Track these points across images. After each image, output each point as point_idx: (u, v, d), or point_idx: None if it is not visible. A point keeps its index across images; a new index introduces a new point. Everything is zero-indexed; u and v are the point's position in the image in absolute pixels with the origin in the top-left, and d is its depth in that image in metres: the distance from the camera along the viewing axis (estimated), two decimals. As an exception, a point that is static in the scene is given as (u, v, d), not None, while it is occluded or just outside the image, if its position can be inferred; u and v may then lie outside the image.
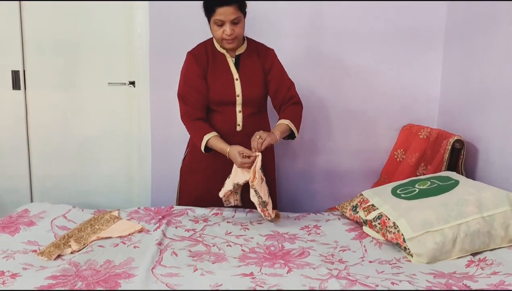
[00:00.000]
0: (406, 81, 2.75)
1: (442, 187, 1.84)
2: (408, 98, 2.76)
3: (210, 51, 2.08)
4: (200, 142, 2.01)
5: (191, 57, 2.07)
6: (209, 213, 2.07)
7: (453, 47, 2.59)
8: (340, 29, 2.68)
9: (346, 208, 2.03)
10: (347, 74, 2.73)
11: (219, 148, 1.98)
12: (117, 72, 2.78)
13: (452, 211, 1.68)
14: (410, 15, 2.67)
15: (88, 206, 2.64)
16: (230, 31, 1.95)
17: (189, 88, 2.05)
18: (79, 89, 2.80)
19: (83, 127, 2.84)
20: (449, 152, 2.24)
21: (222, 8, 1.91)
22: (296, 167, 2.81)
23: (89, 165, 2.88)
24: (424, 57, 2.72)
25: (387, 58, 2.72)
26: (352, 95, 2.76)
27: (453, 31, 2.59)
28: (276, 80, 2.13)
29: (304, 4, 2.64)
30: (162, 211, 2.07)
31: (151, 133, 2.75)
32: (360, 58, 2.72)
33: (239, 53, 2.10)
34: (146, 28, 2.64)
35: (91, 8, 2.72)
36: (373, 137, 2.80)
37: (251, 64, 2.10)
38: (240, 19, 1.97)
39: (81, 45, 2.75)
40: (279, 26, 2.66)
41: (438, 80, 2.73)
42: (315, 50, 2.71)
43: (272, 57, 2.15)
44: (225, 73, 2.07)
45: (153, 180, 2.80)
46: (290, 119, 2.09)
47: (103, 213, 2.00)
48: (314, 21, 2.67)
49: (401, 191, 1.92)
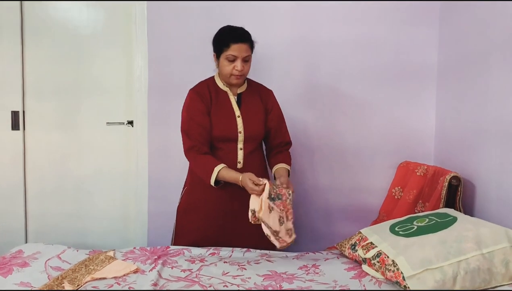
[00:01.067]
0: (402, 119, 2.78)
1: (441, 224, 1.83)
2: (404, 136, 2.79)
3: (213, 89, 2.13)
4: (210, 174, 1.99)
5: (195, 94, 2.10)
6: (206, 252, 2.03)
7: (446, 85, 2.64)
8: (336, 68, 2.75)
9: (345, 247, 2.00)
10: (343, 113, 2.77)
11: (231, 176, 1.98)
12: (116, 112, 2.82)
13: (451, 248, 1.66)
14: (403, 54, 2.75)
15: (84, 246, 2.62)
16: (241, 67, 2.01)
17: (194, 124, 2.06)
18: (78, 129, 2.83)
19: (80, 166, 2.84)
20: (446, 188, 2.24)
21: (237, 45, 1.98)
22: (294, 206, 2.78)
23: (86, 204, 2.87)
24: (418, 95, 2.77)
25: (382, 97, 2.77)
26: (349, 133, 2.79)
27: (446, 69, 2.65)
28: (276, 123, 2.20)
29: (300, 42, 2.72)
30: (158, 251, 2.03)
31: (148, 172, 2.76)
32: (355, 97, 2.77)
33: (240, 91, 2.15)
34: (145, 70, 2.70)
35: (92, 50, 2.79)
36: (370, 175, 2.81)
37: (252, 103, 2.14)
38: (250, 58, 2.05)
39: (81, 86, 2.81)
40: (275, 64, 2.72)
41: (433, 118, 2.77)
42: (311, 89, 2.76)
43: (273, 99, 2.22)
44: (228, 110, 2.10)
45: (150, 220, 2.78)
46: (289, 165, 2.18)
47: (98, 253, 1.97)
48: (310, 60, 2.74)
49: (399, 228, 1.90)
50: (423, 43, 2.73)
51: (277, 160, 2.18)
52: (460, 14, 2.49)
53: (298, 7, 2.71)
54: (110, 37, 2.78)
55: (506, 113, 2.04)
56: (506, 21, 2.05)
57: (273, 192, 1.90)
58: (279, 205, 1.91)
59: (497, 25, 2.12)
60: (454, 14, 2.55)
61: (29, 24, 2.75)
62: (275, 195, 1.91)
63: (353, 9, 2.72)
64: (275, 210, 1.89)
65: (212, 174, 1.98)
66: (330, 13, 2.71)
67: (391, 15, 2.72)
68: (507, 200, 2.02)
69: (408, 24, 2.72)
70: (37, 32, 2.76)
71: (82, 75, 2.80)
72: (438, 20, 2.71)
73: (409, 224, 1.91)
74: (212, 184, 2.00)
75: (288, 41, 2.72)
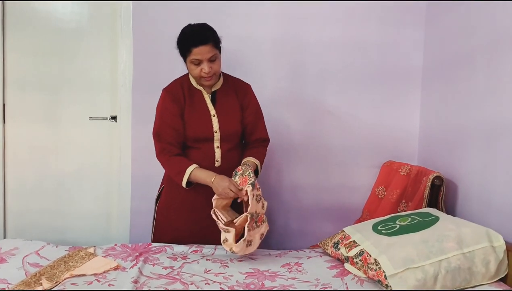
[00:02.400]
0: (386, 119, 2.80)
1: (423, 223, 1.84)
2: (388, 136, 2.80)
3: (187, 88, 2.08)
4: (181, 176, 1.97)
5: (167, 95, 2.05)
6: (188, 250, 2.01)
7: (431, 86, 2.65)
8: (322, 68, 2.75)
9: (327, 245, 2.00)
10: (328, 113, 2.77)
11: (204, 176, 1.95)
12: (99, 107, 2.78)
13: (432, 247, 1.67)
14: (389, 55, 2.76)
15: (65, 243, 2.57)
16: (209, 69, 1.95)
17: (165, 126, 2.03)
18: (60, 123, 2.78)
19: (62, 162, 2.79)
20: (429, 188, 2.25)
21: (198, 48, 1.91)
22: (277, 204, 2.79)
23: (67, 201, 2.82)
24: (403, 96, 2.78)
25: (367, 97, 2.78)
26: (333, 133, 2.79)
27: (431, 71, 2.66)
28: (253, 119, 2.14)
29: (286, 42, 2.71)
30: (139, 248, 2.01)
31: (131, 169, 2.72)
32: (341, 97, 2.77)
33: (215, 89, 2.10)
34: (130, 65, 2.67)
35: (75, 44, 2.74)
36: (354, 174, 2.81)
37: (228, 100, 2.10)
38: (216, 56, 1.97)
39: (64, 80, 2.76)
40: (260, 63, 2.71)
41: (417, 118, 2.79)
42: (297, 88, 2.75)
43: (250, 94, 2.16)
44: (202, 109, 2.06)
45: (132, 217, 2.75)
46: (260, 161, 2.12)
47: (78, 250, 1.94)
48: (296, 60, 2.74)
49: (382, 227, 1.91)
50: (409, 44, 2.75)
51: (247, 153, 2.12)
52: (446, 15, 2.50)
53: (284, 7, 2.70)
54: (94, 31, 2.74)
55: (489, 115, 2.06)
56: (491, 23, 2.07)
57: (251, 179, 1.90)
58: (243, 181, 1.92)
59: (482, 27, 2.14)
60: (440, 15, 2.57)
61: (11, 16, 2.69)
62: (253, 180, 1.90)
63: (339, 9, 2.72)
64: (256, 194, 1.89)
65: (184, 175, 1.96)
66: (316, 13, 2.71)
67: (376, 16, 2.73)
68: (488, 200, 2.04)
69: (394, 25, 2.74)
70: (19, 24, 2.70)
71: (65, 69, 2.75)
72: (424, 22, 2.73)
73: (391, 223, 1.92)
74: (184, 185, 1.97)
75: (274, 40, 2.71)
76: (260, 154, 2.15)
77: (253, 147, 2.16)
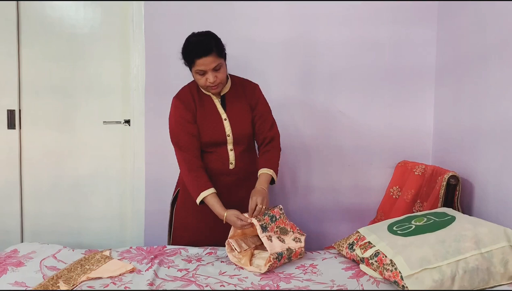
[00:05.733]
0: (400, 119, 2.77)
1: (439, 223, 1.82)
2: (402, 135, 2.78)
3: (196, 94, 2.08)
4: (195, 196, 1.98)
5: (179, 102, 2.06)
6: (203, 252, 2.02)
7: (445, 85, 2.63)
8: (334, 68, 2.73)
9: (342, 246, 1.99)
10: (340, 114, 2.76)
11: (215, 209, 1.95)
12: (113, 111, 2.80)
13: (449, 247, 1.65)
14: (401, 54, 2.73)
15: (81, 246, 2.60)
16: (213, 78, 1.94)
17: (183, 133, 2.03)
18: (74, 128, 2.81)
19: (76, 166, 2.82)
20: (445, 188, 2.23)
21: (201, 60, 1.90)
22: (291, 206, 2.78)
23: (82, 204, 2.85)
24: (416, 95, 2.76)
25: (380, 97, 2.76)
26: (346, 134, 2.78)
27: (444, 69, 2.64)
28: (260, 117, 2.13)
29: (295, 44, 2.71)
30: (154, 250, 2.02)
31: (145, 172, 2.74)
32: (352, 97, 2.76)
33: (224, 93, 2.10)
34: (142, 69, 2.69)
35: (88, 49, 2.77)
36: (368, 174, 2.80)
37: (237, 103, 2.10)
38: (221, 65, 1.95)
39: (77, 85, 2.79)
40: (271, 64, 2.71)
41: (431, 117, 2.76)
42: (308, 88, 2.74)
43: (258, 93, 2.15)
44: (213, 114, 2.06)
45: (147, 219, 2.77)
46: (272, 168, 2.08)
47: (94, 253, 1.95)
48: (307, 60, 2.73)
49: (397, 227, 1.89)
50: (421, 43, 2.72)
51: (261, 162, 2.10)
52: (458, 13, 2.48)
53: (295, 7, 2.69)
54: (107, 35, 2.76)
55: (504, 112, 2.03)
56: (505, 21, 2.04)
57: (264, 220, 1.91)
58: (279, 224, 1.94)
59: (495, 24, 2.12)
60: (453, 13, 2.54)
61: (26, 22, 2.73)
62: (268, 221, 1.91)
63: (351, 9, 2.70)
64: (273, 236, 1.89)
65: (198, 197, 1.97)
66: (325, 13, 2.69)
67: (389, 15, 2.71)
68: (506, 199, 2.01)
69: (406, 24, 2.71)
70: (33, 30, 2.74)
71: (78, 74, 2.78)
72: (437, 20, 2.70)
73: (407, 223, 1.90)
74: (197, 204, 1.99)
75: (285, 40, 2.70)
76: (273, 161, 2.11)
77: (265, 151, 2.13)
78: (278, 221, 1.95)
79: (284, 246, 1.88)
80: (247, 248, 1.93)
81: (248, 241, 1.98)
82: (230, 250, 1.92)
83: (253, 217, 1.89)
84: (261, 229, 1.87)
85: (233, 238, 1.96)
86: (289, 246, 1.89)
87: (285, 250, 1.86)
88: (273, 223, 1.93)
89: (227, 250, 1.92)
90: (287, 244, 1.89)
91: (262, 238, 1.86)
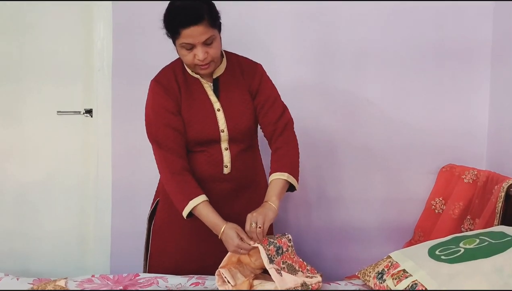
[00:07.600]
0: (445, 112, 2.79)
1: (495, 246, 1.82)
2: (448, 133, 2.79)
3: (181, 76, 2.07)
4: (182, 205, 1.95)
5: (158, 87, 2.04)
6: (187, 282, 2.02)
7: (503, 67, 2.63)
8: (358, 48, 2.75)
9: (369, 275, 1.99)
10: (368, 104, 2.78)
11: (210, 220, 1.92)
12: (70, 98, 2.82)
13: (509, 278, 1.65)
14: (448, 28, 2.74)
15: (28, 273, 2.60)
16: (203, 55, 1.92)
17: (163, 127, 2.02)
18: (20, 120, 2.82)
19: (23, 170, 2.83)
20: (503, 200, 2.23)
21: (189, 29, 1.87)
22: (305, 223, 2.80)
23: (30, 219, 2.86)
24: (466, 80, 2.77)
25: (419, 84, 2.78)
26: (375, 130, 2.80)
27: (502, 47, 2.64)
28: (265, 104, 2.10)
29: (308, 16, 2.71)
30: (123, 279, 2.02)
31: (112, 177, 2.75)
32: (383, 84, 2.78)
33: (217, 75, 2.09)
34: (109, 43, 2.69)
35: (39, 19, 2.77)
36: (402, 183, 2.81)
37: (234, 88, 2.09)
38: (213, 38, 1.93)
39: (25, 65, 2.80)
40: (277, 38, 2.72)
41: (486, 110, 2.77)
42: (325, 74, 2.76)
43: (260, 75, 2.13)
44: (203, 103, 2.06)
45: (114, 240, 2.78)
46: (286, 170, 2.03)
47: (46, 283, 1.96)
48: (323, 38, 2.74)
49: (441, 251, 1.89)
50: (474, 14, 2.73)
51: (272, 165, 2.07)
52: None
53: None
54: (63, 1, 2.75)
55: None
56: None
57: (270, 251, 1.89)
58: (285, 259, 1.92)
59: None
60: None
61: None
62: (273, 253, 1.89)
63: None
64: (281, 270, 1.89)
65: (185, 208, 1.93)
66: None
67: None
68: None
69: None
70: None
71: (26, 51, 2.79)
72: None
73: (454, 246, 1.90)
74: (184, 216, 1.96)
75: (297, 8, 2.70)
76: (286, 160, 2.06)
77: (276, 148, 2.10)
78: (284, 255, 1.94)
79: (298, 280, 1.86)
80: (245, 280, 1.92)
81: (245, 270, 1.98)
82: (221, 283, 1.92)
83: (257, 242, 1.87)
84: (267, 258, 1.86)
85: (226, 267, 1.95)
86: (304, 280, 1.89)
87: (299, 285, 1.85)
88: (279, 256, 1.91)
89: (218, 283, 1.92)
90: (301, 278, 1.89)
91: (270, 269, 1.85)
